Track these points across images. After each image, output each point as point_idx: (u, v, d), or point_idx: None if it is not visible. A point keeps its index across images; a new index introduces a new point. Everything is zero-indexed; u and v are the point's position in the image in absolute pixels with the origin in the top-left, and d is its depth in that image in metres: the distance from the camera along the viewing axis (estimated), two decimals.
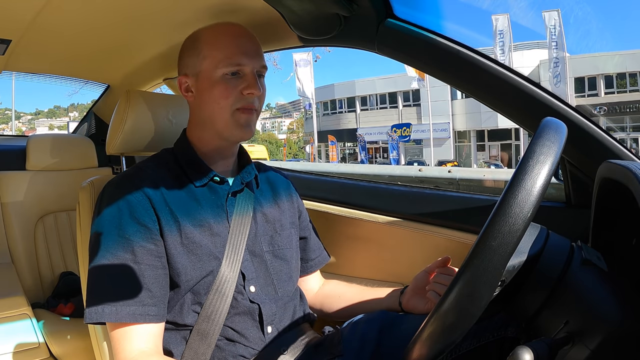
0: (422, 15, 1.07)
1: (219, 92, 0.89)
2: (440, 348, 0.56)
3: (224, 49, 0.90)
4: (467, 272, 0.52)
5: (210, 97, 0.90)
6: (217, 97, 0.89)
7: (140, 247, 0.81)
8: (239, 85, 0.89)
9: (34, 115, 55.07)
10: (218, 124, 0.91)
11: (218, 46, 0.90)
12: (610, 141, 0.94)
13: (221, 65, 0.89)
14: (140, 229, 0.82)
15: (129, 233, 0.81)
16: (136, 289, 0.79)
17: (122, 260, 0.80)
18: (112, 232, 0.82)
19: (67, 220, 1.96)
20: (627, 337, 0.55)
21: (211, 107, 0.90)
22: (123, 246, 0.81)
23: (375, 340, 0.95)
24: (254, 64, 0.91)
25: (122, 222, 0.82)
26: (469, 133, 23.52)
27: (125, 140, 1.09)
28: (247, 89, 0.89)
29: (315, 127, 24.59)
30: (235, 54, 0.89)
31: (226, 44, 0.90)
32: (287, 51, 14.14)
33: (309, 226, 1.11)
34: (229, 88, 0.89)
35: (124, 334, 0.79)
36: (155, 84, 1.79)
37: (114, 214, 0.83)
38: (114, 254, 0.80)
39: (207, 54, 0.90)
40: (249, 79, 0.90)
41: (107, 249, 0.81)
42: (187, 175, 0.92)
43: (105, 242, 0.81)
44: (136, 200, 0.84)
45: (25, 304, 1.51)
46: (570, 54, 17.86)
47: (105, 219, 0.83)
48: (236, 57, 0.89)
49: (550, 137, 0.54)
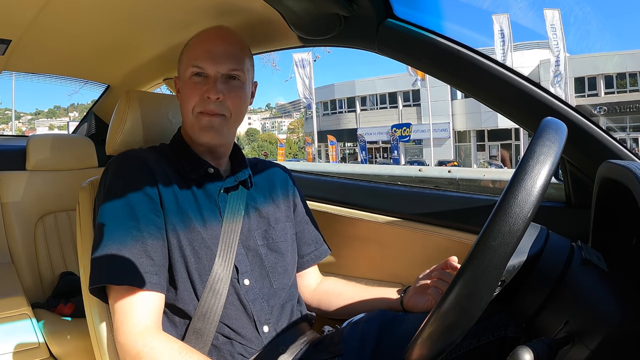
0: (422, 15, 1.07)
1: (185, 93, 0.94)
2: (440, 348, 0.56)
3: (193, 52, 0.94)
4: (467, 272, 0.52)
5: (181, 99, 0.95)
6: (184, 98, 0.94)
7: (143, 216, 0.83)
8: (203, 88, 0.91)
9: (34, 115, 55.10)
10: (186, 125, 0.96)
11: (191, 50, 0.95)
12: (610, 141, 0.94)
13: (188, 67, 0.93)
14: (145, 199, 0.85)
15: (134, 202, 0.84)
16: (139, 256, 0.81)
17: (126, 227, 0.82)
18: (118, 204, 0.84)
19: (67, 220, 1.96)
20: (627, 337, 0.55)
21: (182, 108, 0.96)
22: (128, 213, 0.83)
23: (375, 339, 0.95)
24: (218, 68, 0.92)
25: (129, 193, 0.84)
26: (469, 133, 23.52)
27: (125, 140, 1.09)
28: (207, 92, 0.91)
29: (315, 127, 24.59)
30: (200, 57, 0.92)
31: (196, 48, 0.94)
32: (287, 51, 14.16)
33: (305, 220, 1.11)
34: (194, 90, 0.92)
35: (125, 305, 0.80)
36: (155, 84, 1.79)
37: (120, 185, 0.86)
38: (119, 221, 0.83)
39: (183, 58, 0.96)
40: (210, 82, 0.91)
41: (113, 217, 0.83)
42: (183, 167, 0.94)
43: (111, 213, 0.84)
44: (140, 173, 0.87)
45: (25, 304, 1.50)
46: (570, 54, 17.87)
47: (111, 193, 0.85)
48: (200, 60, 0.92)
49: (550, 137, 0.54)
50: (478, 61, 0.98)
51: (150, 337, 0.78)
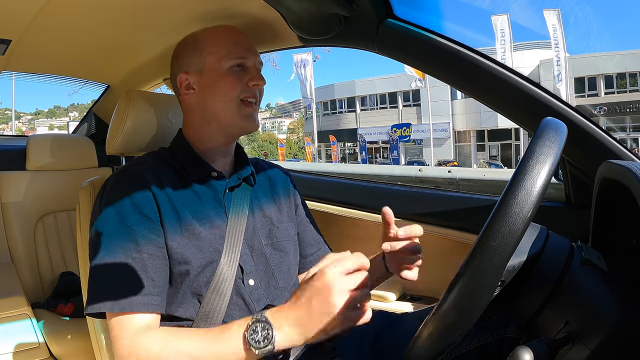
0: (422, 15, 1.07)
1: (227, 83, 0.92)
2: (440, 348, 0.56)
3: (227, 45, 0.94)
4: (467, 272, 0.52)
5: (217, 90, 0.93)
6: (225, 88, 0.92)
7: (142, 237, 0.81)
8: (244, 77, 0.94)
9: (34, 115, 55.07)
10: (224, 116, 0.93)
11: (221, 42, 0.94)
12: (610, 141, 0.94)
13: (227, 58, 0.93)
14: (142, 219, 0.83)
15: (131, 223, 0.82)
16: (139, 278, 0.79)
17: (125, 250, 0.80)
18: (114, 224, 0.82)
19: (67, 220, 1.96)
20: (627, 337, 0.55)
21: (217, 101, 0.93)
22: (126, 236, 0.81)
23: (374, 340, 0.96)
24: (255, 59, 0.96)
25: (124, 213, 0.82)
26: (469, 133, 23.53)
27: (125, 140, 1.09)
28: (252, 80, 0.93)
29: (315, 127, 24.59)
30: (239, 48, 0.94)
31: (228, 40, 0.95)
32: (287, 51, 14.15)
33: (306, 220, 1.10)
34: (236, 80, 0.93)
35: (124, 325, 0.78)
36: (155, 84, 1.79)
37: (116, 207, 0.83)
38: (117, 245, 0.80)
39: (211, 50, 0.94)
40: (253, 71, 0.95)
41: (110, 240, 0.81)
42: (185, 171, 0.92)
43: (107, 234, 0.82)
44: (137, 192, 0.85)
45: (25, 304, 1.51)
46: (570, 54, 17.88)
47: (107, 213, 0.83)
48: (240, 51, 0.94)
49: (550, 137, 0.54)
50: (478, 61, 0.98)
51: (146, 336, 0.76)
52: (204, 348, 0.73)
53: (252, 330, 0.70)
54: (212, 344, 0.73)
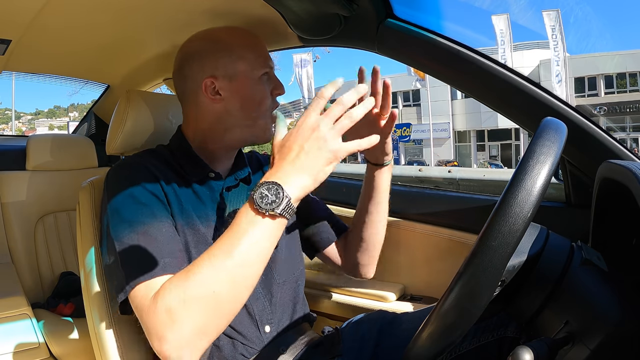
0: (422, 15, 1.07)
1: (261, 92, 0.91)
2: (440, 348, 0.56)
3: (255, 50, 0.92)
4: (467, 272, 0.52)
5: (251, 99, 0.91)
6: (260, 97, 0.91)
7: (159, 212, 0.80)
8: (271, 86, 0.93)
9: (34, 115, 55.03)
10: (253, 125, 0.92)
11: (251, 48, 0.92)
12: (610, 141, 0.94)
13: (257, 66, 0.91)
14: (153, 198, 0.81)
15: (145, 200, 0.80)
16: (169, 245, 0.77)
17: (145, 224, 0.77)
18: (129, 205, 0.79)
19: (67, 220, 1.96)
20: (627, 337, 0.55)
21: (248, 109, 0.91)
22: (143, 212, 0.78)
23: (374, 340, 0.96)
24: (274, 67, 0.95)
25: (136, 194, 0.80)
26: (469, 133, 23.52)
27: (125, 140, 1.09)
28: (277, 89, 0.93)
29: None
30: (265, 55, 0.93)
31: (255, 45, 0.93)
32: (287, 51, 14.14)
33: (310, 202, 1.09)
34: (266, 89, 0.92)
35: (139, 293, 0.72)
36: (155, 84, 1.79)
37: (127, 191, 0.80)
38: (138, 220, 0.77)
39: (241, 55, 0.90)
40: (275, 80, 0.94)
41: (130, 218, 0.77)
42: (183, 169, 0.92)
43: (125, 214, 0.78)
44: (144, 177, 0.83)
45: (25, 304, 1.50)
46: (570, 54, 17.87)
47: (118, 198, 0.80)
48: (269, 60, 0.93)
49: (550, 137, 0.54)
50: (478, 61, 0.98)
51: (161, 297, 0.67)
52: (222, 267, 0.65)
53: (259, 197, 0.64)
54: (230, 250, 0.65)
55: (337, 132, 0.66)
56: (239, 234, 0.65)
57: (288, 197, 0.64)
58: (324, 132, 0.65)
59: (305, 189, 0.66)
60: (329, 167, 0.66)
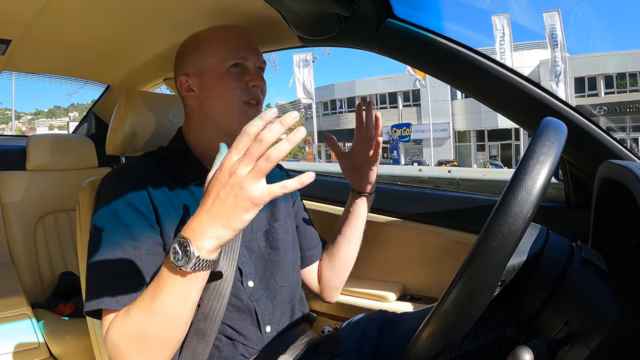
0: (422, 15, 1.07)
1: (226, 84, 0.91)
2: (440, 348, 0.56)
3: (228, 44, 0.93)
4: (467, 272, 0.52)
5: (218, 91, 0.91)
6: (225, 89, 0.91)
7: (138, 233, 0.80)
8: (244, 78, 0.92)
9: (34, 115, 55.05)
10: (225, 119, 0.92)
11: (222, 42, 0.93)
12: (610, 141, 0.94)
13: (227, 58, 0.91)
14: (137, 215, 0.82)
15: (127, 220, 0.81)
16: (136, 275, 0.78)
17: (122, 246, 0.79)
18: (109, 223, 0.81)
19: (67, 220, 1.96)
20: (627, 337, 0.55)
21: (218, 102, 0.92)
22: (122, 233, 0.80)
23: (374, 340, 0.96)
24: (257, 59, 0.94)
25: (119, 212, 0.81)
26: (469, 133, 23.52)
27: (125, 140, 1.09)
28: (252, 81, 0.92)
29: (315, 127, 24.57)
30: (240, 48, 0.93)
31: (230, 40, 0.93)
32: (287, 51, 14.12)
33: (303, 215, 1.12)
34: (236, 80, 0.91)
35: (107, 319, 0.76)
36: (155, 84, 1.79)
37: (111, 206, 0.82)
38: (114, 241, 0.79)
39: (212, 51, 0.92)
40: (253, 72, 0.93)
41: (107, 238, 0.79)
42: (182, 172, 0.92)
43: (104, 232, 0.80)
44: (132, 191, 0.84)
45: (25, 304, 1.51)
46: (570, 54, 17.87)
47: (102, 212, 0.82)
48: (241, 51, 0.92)
49: (550, 137, 0.54)
50: (478, 61, 0.98)
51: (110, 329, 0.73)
52: (149, 311, 0.68)
53: (172, 254, 0.64)
54: (154, 298, 0.68)
55: (255, 176, 0.59)
56: (161, 283, 0.67)
57: (197, 255, 0.63)
58: (240, 178, 0.60)
59: (221, 240, 0.63)
60: (247, 215, 0.61)
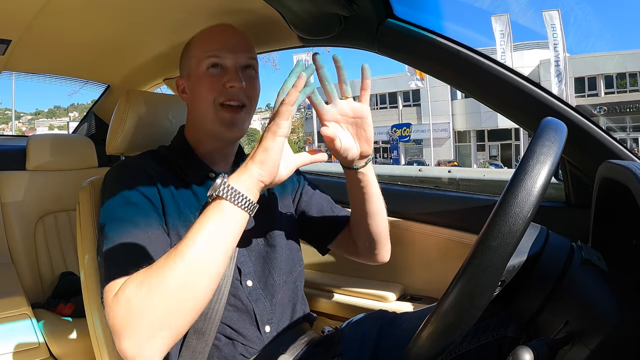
0: (422, 15, 1.07)
1: (203, 86, 0.91)
2: (440, 348, 0.56)
3: (206, 45, 0.92)
4: (467, 272, 0.52)
5: (198, 93, 0.92)
6: (202, 91, 0.91)
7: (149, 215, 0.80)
8: (223, 78, 0.90)
9: (34, 115, 55.00)
10: (206, 121, 0.92)
11: (201, 43, 0.93)
12: (610, 141, 0.94)
13: (203, 59, 0.91)
14: (146, 200, 0.81)
15: (135, 200, 0.80)
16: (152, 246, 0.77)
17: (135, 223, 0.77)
18: (120, 206, 0.79)
19: (67, 220, 1.96)
20: (627, 337, 0.55)
21: (199, 104, 0.92)
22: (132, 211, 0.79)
23: (374, 340, 0.96)
24: (236, 58, 0.91)
25: (128, 195, 0.80)
26: (469, 133, 23.52)
27: (125, 140, 1.09)
28: (229, 81, 0.89)
29: (315, 127, 24.55)
30: (216, 48, 0.91)
31: (207, 41, 0.93)
32: (287, 51, 14.07)
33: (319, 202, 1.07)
34: (212, 81, 0.90)
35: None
36: (155, 84, 1.79)
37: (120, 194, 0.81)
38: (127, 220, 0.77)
39: (194, 53, 0.94)
40: (231, 71, 0.91)
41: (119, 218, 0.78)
42: (183, 171, 0.92)
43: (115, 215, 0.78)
44: (140, 180, 0.84)
45: (25, 304, 1.51)
46: (570, 54, 17.87)
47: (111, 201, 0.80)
48: (217, 51, 0.91)
49: (550, 137, 0.54)
50: (478, 61, 0.98)
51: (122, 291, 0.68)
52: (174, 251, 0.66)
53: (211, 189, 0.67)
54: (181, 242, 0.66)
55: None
56: (192, 225, 0.67)
57: (227, 182, 0.67)
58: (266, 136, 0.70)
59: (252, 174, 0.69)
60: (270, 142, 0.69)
